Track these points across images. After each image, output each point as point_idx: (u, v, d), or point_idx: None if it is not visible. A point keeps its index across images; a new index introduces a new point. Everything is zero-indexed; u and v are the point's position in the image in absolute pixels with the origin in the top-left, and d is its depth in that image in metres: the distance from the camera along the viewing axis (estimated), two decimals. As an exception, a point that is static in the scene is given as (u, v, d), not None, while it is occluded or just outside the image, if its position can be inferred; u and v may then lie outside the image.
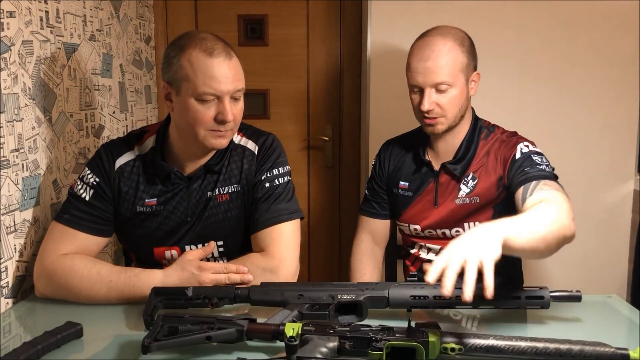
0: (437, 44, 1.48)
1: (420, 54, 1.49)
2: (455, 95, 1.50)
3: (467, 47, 1.52)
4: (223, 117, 1.29)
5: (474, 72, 1.55)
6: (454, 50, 1.48)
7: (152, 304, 1.15)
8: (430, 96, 1.49)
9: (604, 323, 1.23)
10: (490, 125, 1.63)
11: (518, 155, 1.50)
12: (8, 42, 1.35)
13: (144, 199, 1.42)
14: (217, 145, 1.34)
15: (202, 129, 1.31)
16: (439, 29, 1.53)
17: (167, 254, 1.44)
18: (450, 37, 1.49)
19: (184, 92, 1.29)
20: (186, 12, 2.54)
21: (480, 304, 1.15)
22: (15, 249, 1.38)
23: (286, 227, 1.40)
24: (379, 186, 1.73)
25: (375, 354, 0.95)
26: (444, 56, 1.47)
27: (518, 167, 1.48)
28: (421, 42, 1.51)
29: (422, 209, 1.63)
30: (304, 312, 1.13)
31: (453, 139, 1.58)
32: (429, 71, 1.47)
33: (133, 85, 2.22)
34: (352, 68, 2.55)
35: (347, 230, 2.65)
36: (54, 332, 1.08)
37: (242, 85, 1.33)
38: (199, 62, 1.27)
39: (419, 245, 1.68)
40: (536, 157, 1.48)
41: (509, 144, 1.54)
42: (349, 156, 2.62)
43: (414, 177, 1.64)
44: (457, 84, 1.49)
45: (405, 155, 1.69)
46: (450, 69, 1.47)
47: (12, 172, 1.37)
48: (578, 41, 2.22)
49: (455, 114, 1.52)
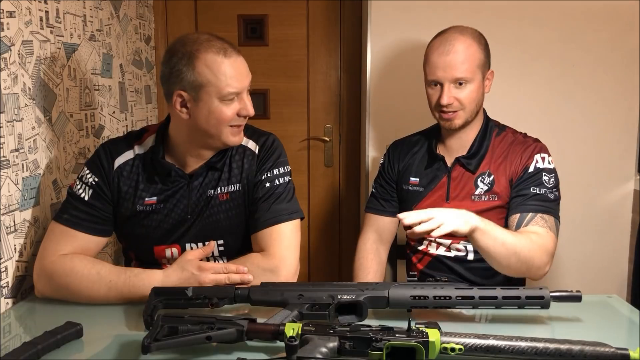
0: (457, 39, 1.52)
1: (441, 49, 1.52)
2: (473, 90, 1.53)
3: (483, 45, 1.56)
4: (247, 111, 1.36)
5: (489, 70, 1.59)
6: (473, 47, 1.52)
7: (152, 304, 1.15)
8: (449, 90, 1.52)
9: (604, 323, 1.23)
10: (500, 125, 1.66)
11: (531, 169, 1.54)
12: (8, 42, 1.35)
13: (144, 197, 1.42)
14: (237, 142, 1.40)
15: (225, 127, 1.35)
16: (457, 27, 1.57)
17: (167, 252, 1.44)
18: (469, 34, 1.54)
19: (205, 96, 1.30)
20: (186, 12, 2.54)
21: (480, 304, 1.15)
22: (15, 249, 1.38)
23: (286, 227, 1.40)
24: (388, 183, 1.74)
25: (375, 354, 0.95)
26: (463, 51, 1.51)
27: (526, 180, 1.53)
28: (441, 38, 1.55)
29: (434, 204, 1.61)
30: (304, 312, 1.13)
31: (467, 135, 1.61)
32: (449, 66, 1.50)
33: (133, 85, 2.22)
34: (352, 68, 2.55)
35: (347, 230, 2.65)
36: (54, 332, 1.08)
37: (250, 77, 1.38)
38: (217, 64, 1.29)
39: (427, 241, 1.67)
40: (545, 176, 1.53)
41: (528, 150, 1.57)
42: (349, 156, 2.62)
43: (426, 172, 1.66)
44: (475, 79, 1.53)
45: (416, 153, 1.70)
46: (469, 64, 1.51)
47: (12, 172, 1.37)
48: (578, 41, 2.22)
49: (472, 109, 1.55)
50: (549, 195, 1.51)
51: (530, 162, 1.55)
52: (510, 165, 1.57)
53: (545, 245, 1.42)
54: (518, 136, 1.62)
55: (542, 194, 1.51)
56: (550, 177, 1.54)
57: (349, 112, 2.59)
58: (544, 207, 1.49)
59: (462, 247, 1.62)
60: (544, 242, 1.43)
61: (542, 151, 1.57)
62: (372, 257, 1.73)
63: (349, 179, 2.63)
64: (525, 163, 1.55)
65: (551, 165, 1.56)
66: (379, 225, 1.75)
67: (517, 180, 1.55)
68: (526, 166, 1.55)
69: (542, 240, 1.43)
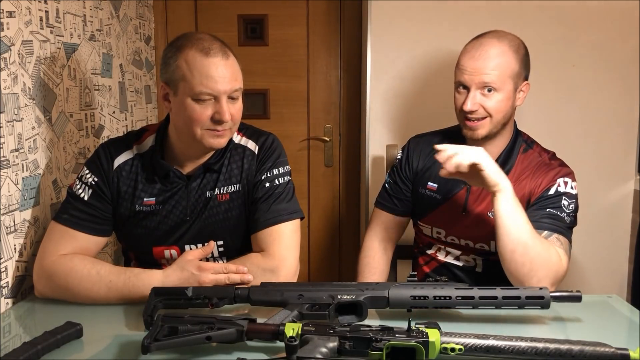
0: (491, 45, 1.44)
1: (471, 53, 1.45)
2: (501, 100, 1.44)
3: (521, 55, 1.48)
4: (220, 116, 1.29)
5: (524, 82, 1.51)
6: (507, 55, 1.44)
7: (152, 304, 1.15)
8: (475, 96, 1.44)
9: (604, 323, 1.23)
10: (529, 140, 1.59)
11: (552, 192, 1.46)
12: (8, 42, 1.35)
13: (143, 198, 1.42)
14: (216, 145, 1.34)
15: (199, 129, 1.31)
16: (497, 32, 1.49)
17: (167, 254, 1.44)
18: (506, 42, 1.46)
19: (181, 92, 1.30)
20: (186, 12, 2.54)
21: (480, 304, 1.15)
22: (15, 249, 1.38)
23: (286, 227, 1.40)
24: (404, 182, 1.66)
25: (375, 354, 0.95)
26: (495, 58, 1.43)
27: (544, 201, 1.45)
28: (475, 42, 1.48)
29: (451, 215, 1.57)
30: (304, 312, 1.13)
31: (492, 148, 1.51)
32: (477, 70, 1.43)
33: (133, 85, 2.22)
34: (352, 68, 2.55)
35: (347, 230, 2.65)
36: (54, 332, 1.08)
37: (240, 85, 1.33)
38: (195, 62, 1.27)
39: (437, 246, 1.65)
40: (565, 201, 1.44)
41: (550, 173, 1.49)
42: (349, 156, 2.62)
43: (445, 180, 1.50)
44: (504, 89, 1.44)
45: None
46: (500, 72, 1.43)
47: (12, 172, 1.37)
48: (578, 41, 2.22)
49: (498, 119, 1.46)
50: (565, 219, 1.42)
51: (552, 185, 1.46)
52: (531, 187, 1.49)
53: (557, 268, 1.33)
54: (544, 156, 1.54)
55: (559, 216, 1.42)
56: (571, 202, 1.45)
57: (349, 112, 2.59)
58: (560, 229, 1.41)
59: (472, 260, 1.59)
60: (558, 267, 1.34)
61: (567, 176, 1.48)
62: (380, 257, 1.68)
63: (349, 179, 2.63)
64: (546, 186, 1.47)
65: (573, 191, 1.47)
66: (389, 224, 1.69)
67: (535, 200, 1.47)
68: (547, 188, 1.47)
69: (551, 259, 1.33)
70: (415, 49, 2.24)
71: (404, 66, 2.26)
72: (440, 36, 2.21)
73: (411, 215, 1.70)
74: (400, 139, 1.77)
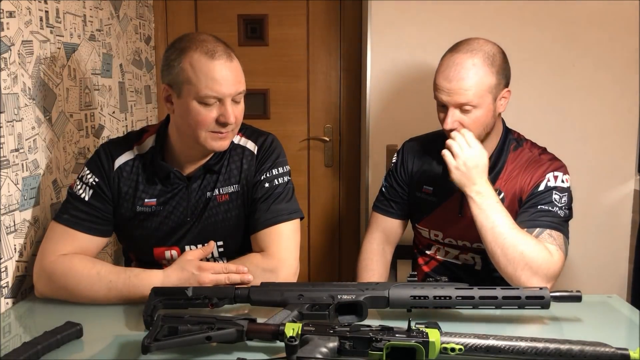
0: (463, 64, 1.41)
1: (445, 73, 1.43)
2: (480, 115, 1.44)
3: (497, 67, 1.44)
4: (225, 119, 1.29)
5: (504, 90, 1.48)
6: (481, 70, 1.41)
7: (152, 304, 1.15)
8: (453, 115, 1.44)
9: (604, 323, 1.23)
10: (519, 138, 1.59)
11: (542, 187, 1.47)
12: (8, 42, 1.35)
13: (144, 198, 1.41)
14: (218, 148, 1.34)
15: (203, 131, 1.31)
16: (470, 44, 1.44)
17: (167, 254, 1.44)
18: (480, 55, 1.42)
19: (185, 94, 1.29)
20: (186, 12, 2.54)
21: (480, 304, 1.15)
22: (15, 249, 1.38)
23: (286, 227, 1.40)
24: (400, 186, 1.67)
25: (375, 354, 0.95)
26: (470, 78, 1.40)
27: (535, 198, 1.46)
28: (449, 60, 1.44)
29: (447, 217, 1.58)
30: (304, 312, 1.13)
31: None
32: (452, 91, 1.42)
33: (133, 85, 2.22)
34: (352, 68, 2.55)
35: (347, 230, 2.65)
36: (54, 332, 1.08)
37: (243, 88, 1.33)
38: (200, 64, 1.27)
39: (436, 247, 1.66)
40: (557, 195, 1.45)
41: (540, 169, 1.50)
42: (349, 156, 2.62)
43: (440, 182, 1.55)
44: (483, 104, 1.43)
45: (432, 158, 1.62)
46: (475, 90, 1.41)
47: (12, 172, 1.37)
48: (578, 41, 2.22)
49: (479, 132, 1.46)
50: (558, 213, 1.43)
51: (541, 181, 1.47)
52: (521, 184, 1.50)
53: (547, 265, 1.34)
54: (534, 152, 1.54)
55: (551, 211, 1.43)
56: (562, 195, 1.45)
57: (349, 112, 2.59)
58: (552, 224, 1.41)
59: (470, 258, 1.61)
60: (548, 264, 1.34)
61: (557, 169, 1.49)
62: (378, 259, 1.70)
63: (349, 179, 2.63)
64: (535, 182, 1.48)
65: (565, 184, 1.48)
66: (386, 226, 1.71)
67: (526, 198, 1.48)
68: (536, 184, 1.47)
69: (546, 261, 1.34)
70: (415, 49, 2.24)
71: (404, 66, 2.26)
72: (440, 36, 2.21)
73: (409, 218, 1.72)
74: (400, 139, 1.77)
